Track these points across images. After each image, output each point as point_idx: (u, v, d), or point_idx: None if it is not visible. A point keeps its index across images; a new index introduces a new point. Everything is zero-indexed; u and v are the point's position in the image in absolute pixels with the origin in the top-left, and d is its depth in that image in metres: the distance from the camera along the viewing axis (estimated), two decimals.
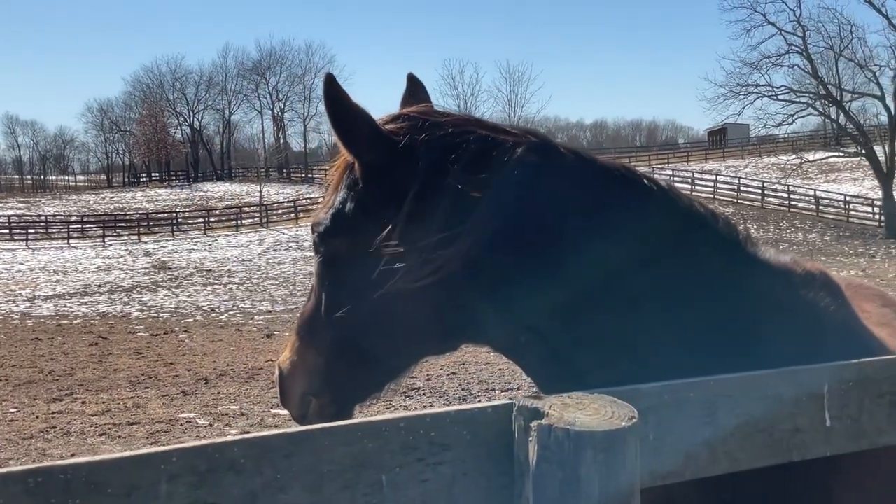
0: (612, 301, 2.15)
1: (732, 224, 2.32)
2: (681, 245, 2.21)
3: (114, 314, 28.88)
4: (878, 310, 2.98)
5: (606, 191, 2.21)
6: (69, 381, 15.61)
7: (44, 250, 55.54)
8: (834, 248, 47.56)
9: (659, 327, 2.14)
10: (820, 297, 2.33)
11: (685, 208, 2.25)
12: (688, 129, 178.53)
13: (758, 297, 2.22)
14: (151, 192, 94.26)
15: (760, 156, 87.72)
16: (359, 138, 2.23)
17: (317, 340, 2.38)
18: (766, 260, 2.32)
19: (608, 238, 2.15)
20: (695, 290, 2.17)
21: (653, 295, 2.15)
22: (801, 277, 2.35)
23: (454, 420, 1.60)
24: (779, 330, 2.19)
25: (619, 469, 1.53)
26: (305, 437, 1.48)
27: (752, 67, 59.37)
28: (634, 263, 2.16)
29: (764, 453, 1.88)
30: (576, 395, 1.68)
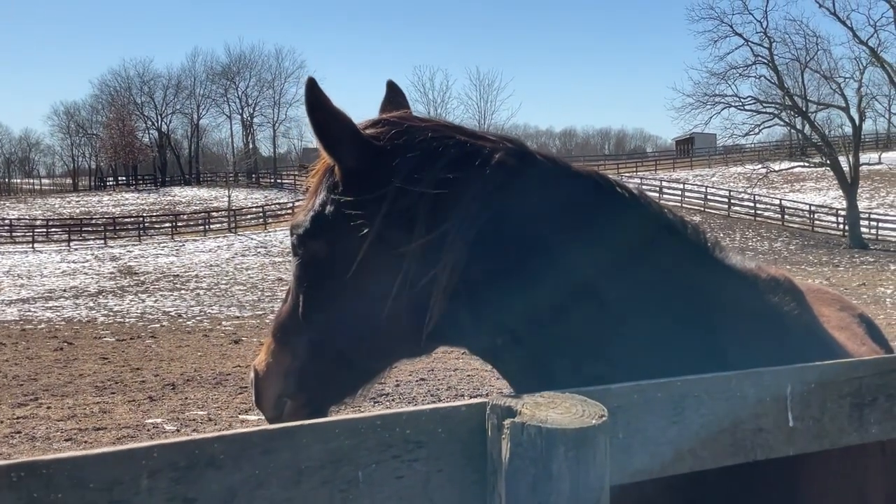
0: (584, 305, 2.20)
1: (701, 231, 2.39)
2: (651, 251, 2.27)
3: (79, 319, 28.56)
4: (836, 314, 3.07)
5: (580, 197, 2.27)
6: (34, 387, 15.43)
7: (8, 254, 54.83)
8: (799, 256, 48.18)
9: (630, 331, 2.20)
10: (784, 301, 2.41)
11: (656, 215, 2.32)
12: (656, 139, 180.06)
13: (725, 301, 2.30)
14: (118, 197, 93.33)
15: (727, 165, 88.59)
16: (339, 142, 2.27)
17: (292, 342, 2.40)
18: (733, 265, 2.39)
19: (581, 243, 2.22)
20: (664, 295, 2.24)
21: (624, 300, 2.22)
22: (766, 282, 2.42)
23: (429, 418, 1.63)
24: (745, 332, 2.27)
25: (589, 465, 1.58)
26: (284, 434, 1.51)
27: (719, 78, 60.07)
28: (607, 268, 2.22)
29: (728, 452, 1.93)
30: (547, 394, 1.73)
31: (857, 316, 3.24)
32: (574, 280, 2.20)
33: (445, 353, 15.93)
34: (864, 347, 2.85)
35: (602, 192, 2.30)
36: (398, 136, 2.26)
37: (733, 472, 2.02)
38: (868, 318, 3.34)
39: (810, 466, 2.21)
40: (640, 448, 1.82)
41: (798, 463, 2.11)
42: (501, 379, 2.41)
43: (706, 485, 2.13)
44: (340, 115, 2.27)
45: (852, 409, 2.09)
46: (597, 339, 2.20)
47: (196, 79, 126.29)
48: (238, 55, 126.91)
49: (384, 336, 2.31)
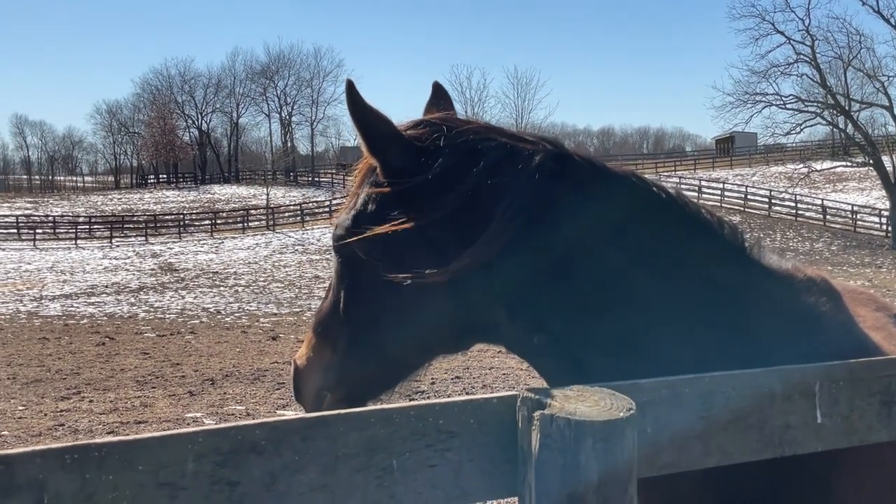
0: (623, 305, 2.24)
1: (739, 231, 2.42)
2: (688, 252, 2.31)
3: (120, 315, 29.02)
4: (871, 314, 3.06)
5: (617, 198, 2.30)
6: (76, 380, 15.73)
7: (51, 250, 55.79)
8: (841, 257, 47.55)
9: (667, 331, 2.24)
10: (821, 301, 2.42)
11: (693, 215, 2.35)
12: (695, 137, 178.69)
13: (761, 302, 2.32)
14: (159, 194, 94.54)
15: (768, 165, 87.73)
16: (381, 142, 2.33)
17: (333, 337, 2.47)
18: (770, 266, 2.42)
19: (618, 244, 2.26)
20: (701, 296, 2.27)
21: (661, 300, 2.25)
22: (802, 283, 2.44)
23: (462, 409, 1.69)
24: (780, 333, 2.30)
25: (617, 457, 1.62)
26: (321, 423, 1.58)
27: (760, 76, 59.56)
28: (643, 269, 2.26)
29: (755, 447, 1.96)
30: (577, 387, 1.77)
31: (892, 316, 3.23)
32: (610, 280, 2.24)
33: (481, 352, 15.99)
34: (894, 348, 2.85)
35: (639, 193, 2.33)
36: (440, 138, 2.31)
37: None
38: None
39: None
40: (669, 442, 1.86)
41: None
42: (538, 378, 2.45)
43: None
44: (381, 116, 2.34)
45: (881, 407, 2.11)
46: (634, 339, 2.24)
47: (236, 78, 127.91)
48: (277, 54, 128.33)
49: (424, 333, 2.37)
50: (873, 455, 2.26)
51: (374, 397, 2.55)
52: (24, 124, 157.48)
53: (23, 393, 14.47)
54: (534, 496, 1.65)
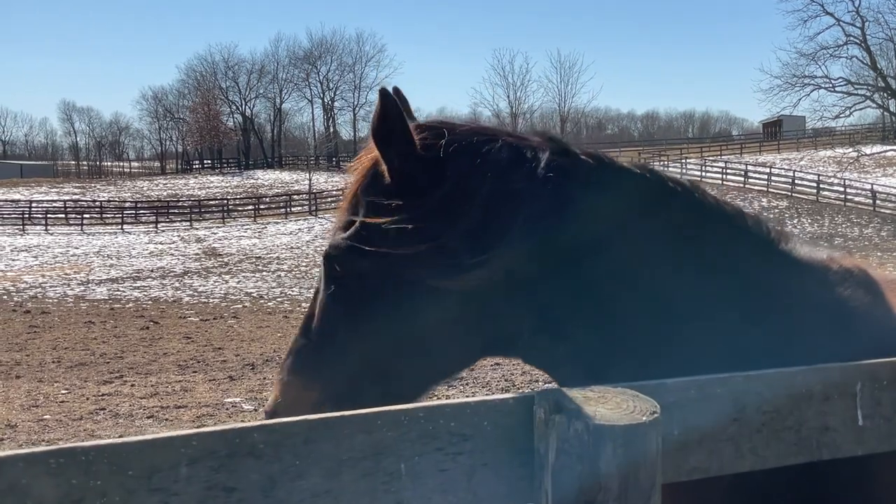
0: (646, 310, 2.13)
1: (763, 221, 2.29)
2: (709, 246, 2.19)
3: (165, 299, 29.36)
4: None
5: (634, 197, 2.18)
6: (120, 364, 15.92)
7: (98, 235, 56.60)
8: (891, 244, 46.53)
9: (691, 334, 2.13)
10: (857, 294, 2.27)
11: (711, 207, 2.23)
12: (742, 121, 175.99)
13: (788, 297, 2.20)
14: (203, 180, 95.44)
15: (816, 149, 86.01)
16: (394, 145, 2.18)
17: (321, 375, 2.23)
18: (799, 258, 2.28)
19: (635, 244, 2.14)
20: (724, 293, 2.15)
21: (683, 301, 2.14)
22: (836, 274, 2.30)
23: (474, 411, 1.60)
24: (809, 329, 2.16)
25: (638, 463, 1.52)
26: (325, 425, 1.49)
27: (808, 59, 58.24)
28: (662, 268, 2.14)
29: (791, 451, 1.85)
30: (598, 388, 1.67)
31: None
32: (629, 282, 2.13)
33: None
34: None
35: (654, 188, 2.21)
36: (446, 143, 2.18)
37: None
38: None
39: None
40: (697, 445, 1.75)
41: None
42: None
43: None
44: (402, 122, 2.19)
45: None
46: (659, 345, 2.13)
47: (279, 63, 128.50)
48: (319, 39, 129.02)
49: (446, 354, 2.22)
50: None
51: None
52: (72, 110, 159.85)
53: (66, 377, 14.68)
54: (550, 503, 1.55)
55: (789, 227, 44.14)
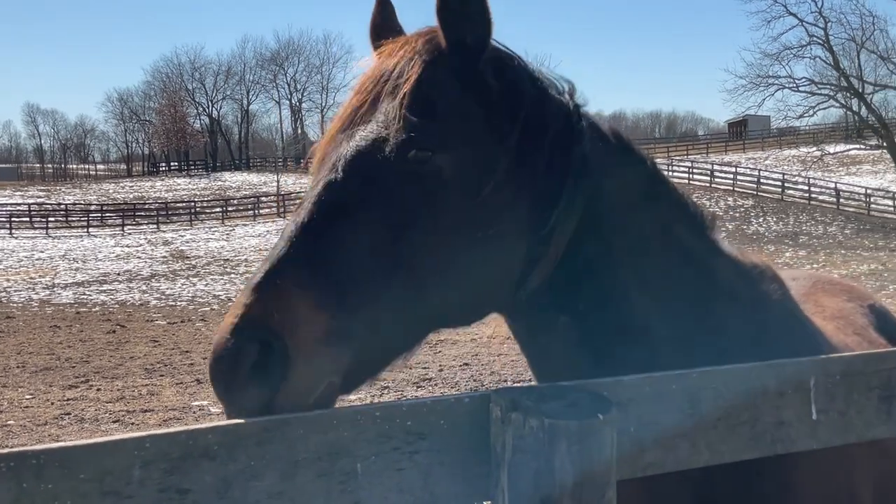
0: (635, 290, 2.18)
1: (707, 214, 2.40)
2: (682, 237, 2.29)
3: (132, 302, 29.06)
4: (839, 304, 3.06)
5: (644, 181, 2.29)
6: (85, 369, 15.74)
7: (64, 238, 55.92)
8: (854, 241, 47.13)
9: (654, 311, 2.19)
10: (771, 288, 2.41)
11: (682, 197, 2.36)
12: (708, 121, 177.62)
13: (721, 287, 2.30)
14: (170, 182, 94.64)
15: (781, 148, 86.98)
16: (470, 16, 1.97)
17: (342, 296, 1.74)
18: (722, 247, 2.38)
19: (640, 227, 2.21)
20: (677, 277, 2.24)
21: (664, 287, 2.21)
22: (751, 269, 2.41)
23: (431, 409, 1.60)
24: (733, 316, 2.27)
25: (593, 460, 1.54)
26: (279, 425, 1.49)
27: (772, 59, 58.79)
28: (644, 254, 2.21)
29: (747, 446, 1.87)
30: (554, 386, 1.69)
31: (866, 307, 3.19)
32: (627, 263, 2.17)
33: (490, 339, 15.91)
34: (852, 338, 2.80)
35: (656, 176, 2.32)
36: (512, 59, 2.09)
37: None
38: (882, 310, 3.30)
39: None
40: (654, 442, 1.77)
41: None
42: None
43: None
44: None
45: (880, 402, 2.02)
46: (642, 324, 2.17)
47: (246, 65, 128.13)
48: (287, 41, 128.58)
49: (480, 273, 1.95)
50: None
51: (373, 375, 1.93)
52: (37, 113, 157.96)
53: (31, 381, 14.49)
54: (506, 500, 1.56)
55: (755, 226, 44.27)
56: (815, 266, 35.95)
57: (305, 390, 1.68)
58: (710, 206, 58.52)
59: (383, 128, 1.88)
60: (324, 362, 1.70)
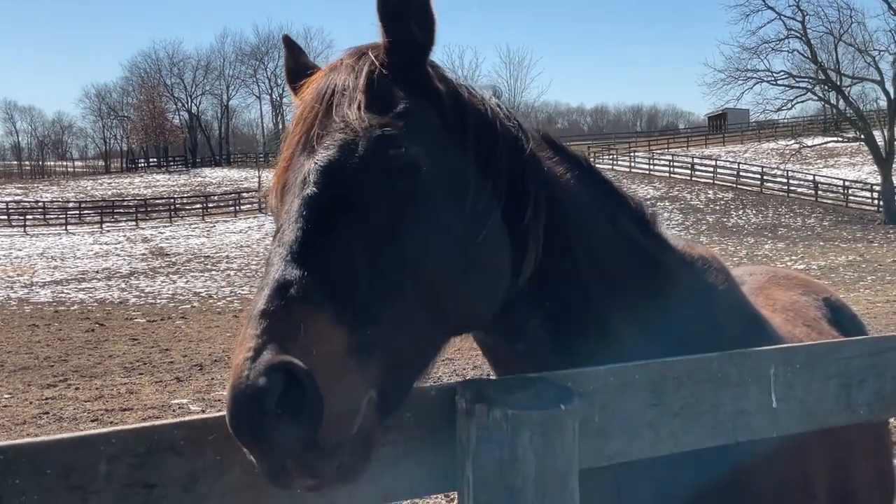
0: (597, 288, 2.19)
1: (642, 204, 2.43)
2: (619, 229, 2.31)
3: (111, 300, 28.91)
4: (792, 297, 3.12)
5: (587, 180, 2.29)
6: (64, 368, 15.66)
7: (42, 236, 55.53)
8: (832, 233, 47.53)
9: (614, 307, 2.21)
10: (718, 279, 2.45)
11: (616, 191, 2.39)
12: (688, 115, 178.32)
13: (670, 279, 2.33)
14: (149, 178, 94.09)
15: (760, 141, 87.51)
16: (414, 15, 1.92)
17: (358, 309, 1.61)
18: (668, 240, 2.43)
19: (591, 223, 2.23)
20: (631, 271, 2.27)
21: (610, 280, 2.22)
22: (698, 261, 2.46)
23: None
24: (683, 307, 2.30)
25: (556, 449, 1.57)
26: None
27: (751, 52, 59.22)
28: (598, 249, 2.23)
29: (708, 434, 1.90)
30: (519, 378, 1.72)
31: (821, 300, 3.26)
32: (590, 261, 2.19)
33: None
34: (801, 329, 2.86)
35: (593, 172, 2.34)
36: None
37: None
38: (836, 304, 3.36)
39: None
40: (618, 431, 1.80)
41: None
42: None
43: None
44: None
45: (839, 390, 2.06)
46: (603, 320, 2.18)
47: (225, 59, 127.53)
48: (267, 35, 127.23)
49: (485, 269, 1.91)
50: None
51: (403, 392, 1.69)
52: (14, 109, 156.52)
53: (9, 381, 14.40)
54: (472, 490, 1.59)
55: (735, 219, 44.42)
56: (794, 258, 36.24)
57: (348, 412, 1.51)
58: (690, 199, 58.86)
59: (348, 133, 1.80)
60: (355, 378, 1.53)
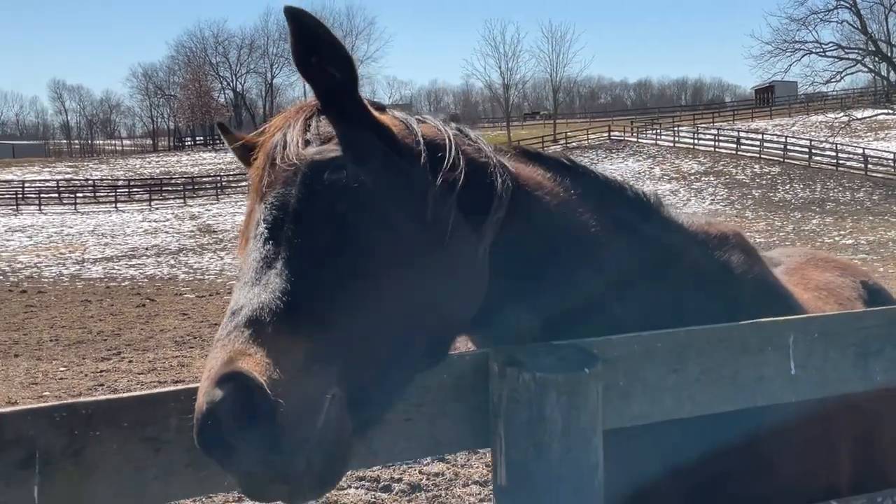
0: (590, 278, 2.22)
1: (643, 193, 2.45)
2: (614, 219, 2.33)
3: (161, 276, 29.52)
4: (827, 278, 3.15)
5: (552, 175, 2.32)
6: (117, 341, 16.11)
7: (92, 214, 56.60)
8: (882, 207, 46.72)
9: (613, 297, 2.24)
10: (735, 256, 2.46)
11: (604, 182, 2.40)
12: (735, 88, 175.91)
13: (671, 256, 2.36)
14: (196, 156, 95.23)
15: (808, 114, 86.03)
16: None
17: (331, 336, 1.64)
18: (678, 222, 2.46)
19: (575, 224, 2.25)
20: (617, 255, 2.28)
21: (604, 270, 2.24)
22: (714, 238, 2.48)
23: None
24: (691, 285, 2.35)
25: (580, 409, 1.71)
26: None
27: (799, 23, 58.06)
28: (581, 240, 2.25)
29: (729, 398, 2.02)
30: (548, 344, 1.86)
31: (858, 282, 3.28)
32: (578, 257, 2.22)
33: None
34: (830, 307, 2.87)
35: (566, 167, 2.37)
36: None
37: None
38: (875, 287, 3.34)
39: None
40: (640, 394, 1.93)
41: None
42: None
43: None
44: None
45: (857, 358, 2.16)
46: (601, 312, 2.21)
47: (269, 38, 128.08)
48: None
49: (463, 284, 1.94)
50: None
51: (388, 390, 1.73)
52: (63, 89, 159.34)
53: (65, 354, 14.86)
54: (503, 446, 1.74)
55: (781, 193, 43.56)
56: (842, 233, 35.78)
57: (307, 409, 1.52)
58: (736, 174, 58.17)
59: (289, 170, 1.88)
60: (313, 378, 1.55)
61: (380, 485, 7.33)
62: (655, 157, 66.70)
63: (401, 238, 1.83)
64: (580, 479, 1.71)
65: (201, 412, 1.45)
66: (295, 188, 1.84)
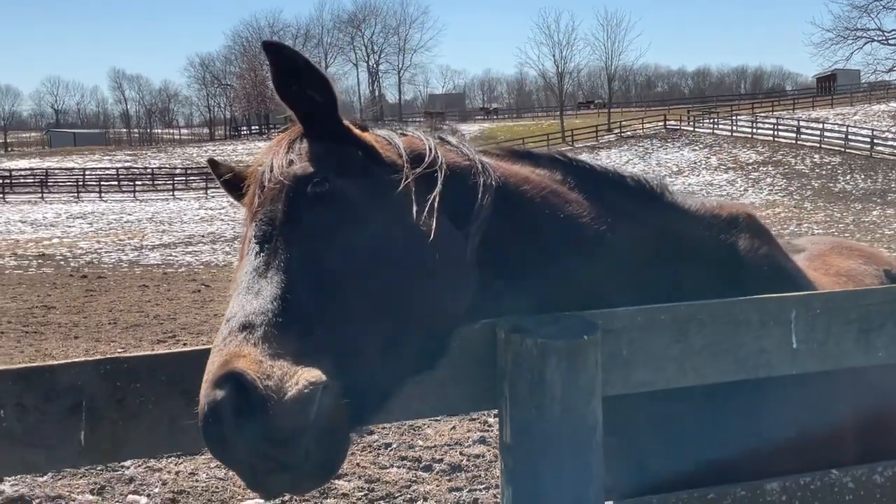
0: (582, 265, 2.29)
1: (643, 179, 2.53)
2: (599, 203, 2.39)
3: (216, 263, 30.08)
4: (849, 265, 3.18)
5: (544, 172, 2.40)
6: (173, 325, 16.53)
7: (150, 201, 57.77)
8: None
9: (612, 289, 2.31)
10: (742, 237, 2.53)
11: (601, 172, 2.48)
12: (796, 76, 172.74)
13: (673, 241, 2.43)
14: (251, 145, 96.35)
15: (871, 103, 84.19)
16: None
17: (302, 316, 1.76)
18: (684, 206, 2.53)
19: (562, 211, 2.32)
20: (618, 242, 2.35)
21: (603, 263, 2.31)
22: (723, 220, 2.55)
23: None
24: (693, 268, 2.42)
25: (579, 373, 1.84)
26: None
27: (861, 10, 57.09)
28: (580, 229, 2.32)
29: (730, 369, 2.13)
30: (553, 314, 1.99)
31: (881, 271, 3.28)
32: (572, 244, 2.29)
33: None
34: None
35: (557, 162, 2.45)
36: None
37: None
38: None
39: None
40: (643, 363, 2.05)
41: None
42: None
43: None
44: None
45: (859, 334, 2.25)
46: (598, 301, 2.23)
47: (323, 27, 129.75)
48: (363, 2, 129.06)
49: (450, 282, 2.03)
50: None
51: (384, 382, 1.85)
52: (122, 78, 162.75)
53: (122, 337, 15.31)
54: (509, 407, 1.88)
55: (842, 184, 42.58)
56: None
57: (300, 400, 1.58)
58: (795, 164, 57.23)
59: (274, 187, 2.03)
60: (306, 372, 1.62)
61: (421, 464, 7.51)
62: (712, 147, 65.89)
63: (385, 242, 1.94)
64: (579, 438, 1.85)
65: (203, 413, 1.57)
66: (281, 203, 1.98)
